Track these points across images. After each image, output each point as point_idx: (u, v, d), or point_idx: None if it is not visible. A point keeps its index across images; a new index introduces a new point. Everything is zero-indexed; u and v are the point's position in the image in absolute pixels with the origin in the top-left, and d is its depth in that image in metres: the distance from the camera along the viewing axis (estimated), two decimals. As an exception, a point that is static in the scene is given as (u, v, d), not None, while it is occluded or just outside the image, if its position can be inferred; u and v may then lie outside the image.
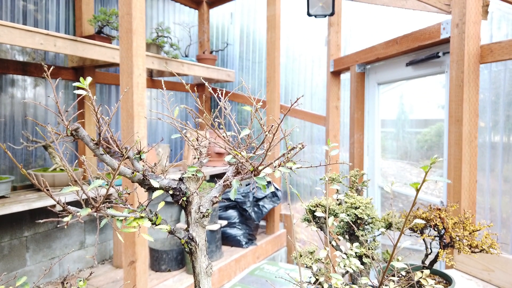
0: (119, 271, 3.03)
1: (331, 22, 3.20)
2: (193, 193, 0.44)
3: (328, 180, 0.76)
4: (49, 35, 2.24)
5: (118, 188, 0.44)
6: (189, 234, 0.44)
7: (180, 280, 2.88)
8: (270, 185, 0.44)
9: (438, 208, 0.85)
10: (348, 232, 0.78)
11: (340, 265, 0.59)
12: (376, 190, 2.99)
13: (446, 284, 0.83)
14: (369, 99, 2.99)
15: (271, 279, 3.01)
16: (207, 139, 0.48)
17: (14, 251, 2.67)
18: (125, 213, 0.40)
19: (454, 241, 0.80)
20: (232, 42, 4.86)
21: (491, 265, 1.24)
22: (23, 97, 2.87)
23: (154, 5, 4.07)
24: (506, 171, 2.39)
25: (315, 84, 4.33)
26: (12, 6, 2.79)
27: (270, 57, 3.69)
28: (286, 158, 0.44)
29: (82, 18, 3.11)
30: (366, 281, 0.56)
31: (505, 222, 2.40)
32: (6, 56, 2.78)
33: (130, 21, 2.12)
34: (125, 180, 2.39)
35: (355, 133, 3.02)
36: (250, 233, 3.61)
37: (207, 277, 0.44)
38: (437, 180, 0.72)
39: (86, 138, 0.42)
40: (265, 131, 0.44)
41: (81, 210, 0.34)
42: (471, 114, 1.87)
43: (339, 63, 3.12)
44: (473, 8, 1.85)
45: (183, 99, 4.42)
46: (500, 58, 1.77)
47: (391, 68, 2.71)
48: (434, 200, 2.43)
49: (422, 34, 2.16)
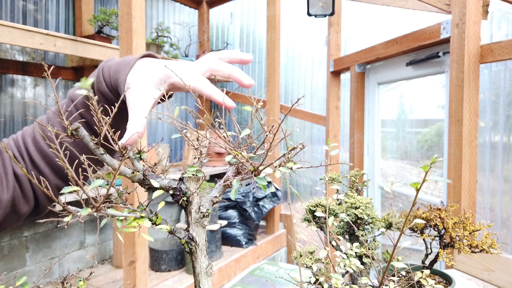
0: (119, 271, 3.03)
1: (331, 22, 3.20)
2: (193, 193, 0.44)
3: (328, 180, 0.76)
4: (49, 35, 2.24)
5: (118, 188, 0.44)
6: (189, 234, 0.44)
7: (180, 280, 2.88)
8: (271, 185, 0.44)
9: (438, 208, 0.85)
10: (348, 232, 0.78)
11: (340, 265, 0.59)
12: (376, 190, 2.99)
13: (446, 284, 0.83)
14: (369, 99, 2.99)
15: (271, 279, 3.01)
16: (208, 139, 0.48)
17: (14, 251, 2.67)
18: (125, 213, 0.40)
19: (454, 241, 0.80)
20: (232, 42, 4.86)
21: (491, 265, 1.24)
22: (23, 97, 2.87)
23: (154, 5, 4.07)
24: (506, 171, 2.39)
25: (315, 84, 4.33)
26: (12, 6, 2.79)
27: (270, 57, 3.69)
28: (286, 158, 0.44)
29: (82, 18, 3.11)
30: (366, 281, 0.56)
31: (505, 222, 2.40)
32: (6, 56, 2.78)
33: (130, 21, 2.12)
34: (125, 180, 2.39)
35: (355, 133, 3.02)
36: (250, 233, 3.61)
37: (207, 277, 0.44)
38: (437, 180, 0.72)
39: (86, 138, 0.42)
40: (265, 131, 0.44)
41: (81, 210, 0.34)
42: (471, 114, 1.87)
43: (339, 63, 3.12)
44: (473, 8, 1.85)
45: (183, 99, 4.42)
46: (500, 58, 1.77)
47: (391, 68, 2.71)
48: (434, 200, 2.43)
49: (422, 34, 2.16)
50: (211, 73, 0.59)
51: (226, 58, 0.61)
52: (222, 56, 0.61)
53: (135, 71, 0.59)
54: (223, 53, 0.62)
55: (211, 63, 0.59)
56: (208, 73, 0.59)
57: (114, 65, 0.61)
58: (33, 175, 0.64)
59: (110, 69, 0.61)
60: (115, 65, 0.61)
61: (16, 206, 0.64)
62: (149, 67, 0.59)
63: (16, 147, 0.66)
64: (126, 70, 0.59)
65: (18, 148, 0.66)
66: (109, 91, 0.62)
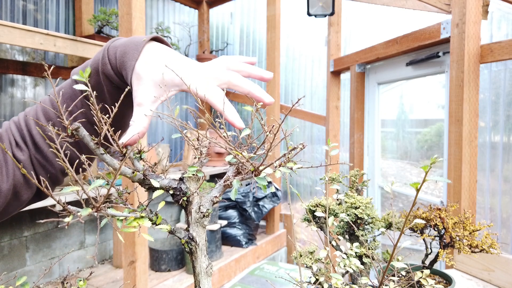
0: (119, 271, 3.03)
1: (331, 22, 3.20)
2: (193, 193, 0.44)
3: (328, 180, 0.76)
4: (49, 35, 2.24)
5: (119, 188, 0.44)
6: (189, 234, 0.44)
7: (180, 280, 2.88)
8: (271, 185, 0.44)
9: (438, 208, 0.85)
10: (348, 232, 0.78)
11: (340, 265, 0.59)
12: (376, 190, 2.99)
13: (446, 284, 0.83)
14: (369, 99, 2.99)
15: (271, 279, 3.01)
16: (208, 139, 0.48)
17: (14, 251, 2.67)
18: (125, 213, 0.40)
19: (454, 241, 0.80)
20: (232, 42, 4.86)
21: (491, 265, 1.24)
22: (23, 97, 2.87)
23: (154, 5, 4.07)
24: (506, 171, 2.39)
25: (315, 84, 4.33)
26: (12, 6, 2.79)
27: (270, 57, 3.69)
28: (286, 158, 0.44)
29: (82, 18, 3.11)
30: (366, 281, 0.56)
31: (505, 222, 2.40)
32: (6, 56, 2.78)
33: (130, 21, 2.12)
34: (125, 180, 2.39)
35: (355, 133, 3.02)
36: (250, 233, 3.61)
37: (207, 277, 0.44)
38: (437, 180, 0.72)
39: (86, 137, 0.42)
40: (265, 131, 0.44)
41: (81, 210, 0.34)
42: (471, 114, 1.87)
43: (339, 63, 3.12)
44: (473, 8, 1.85)
45: (183, 98, 4.42)
46: (500, 58, 1.77)
47: (391, 68, 2.71)
48: (434, 200, 2.43)
49: (422, 34, 2.16)
50: (228, 86, 0.56)
51: (245, 73, 0.59)
52: (241, 69, 0.58)
53: (145, 58, 0.56)
54: (242, 66, 0.59)
55: (230, 77, 0.56)
56: (225, 86, 0.56)
57: (120, 46, 0.58)
58: (36, 160, 0.61)
59: (116, 50, 0.58)
60: (122, 46, 0.58)
61: (18, 193, 0.61)
62: (160, 58, 0.56)
63: (18, 131, 0.62)
64: (134, 54, 0.56)
65: (20, 131, 0.62)
66: (114, 74, 0.59)
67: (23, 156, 0.60)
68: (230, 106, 0.53)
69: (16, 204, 0.63)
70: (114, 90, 0.61)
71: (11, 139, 0.61)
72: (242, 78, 0.57)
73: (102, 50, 0.60)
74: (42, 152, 0.62)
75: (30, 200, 0.65)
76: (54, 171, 0.63)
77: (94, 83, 0.60)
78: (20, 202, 0.63)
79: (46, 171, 0.63)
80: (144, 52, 0.57)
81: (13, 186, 0.60)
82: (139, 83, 0.55)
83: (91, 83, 0.60)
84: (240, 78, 0.57)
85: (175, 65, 0.56)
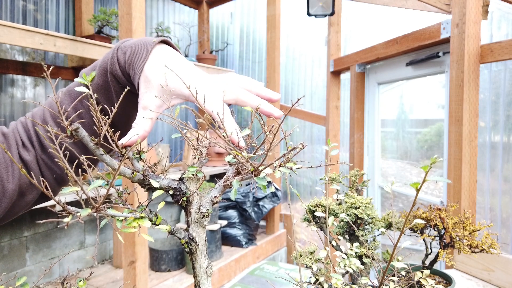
0: (119, 271, 3.03)
1: (331, 22, 3.20)
2: (193, 193, 0.44)
3: (328, 180, 0.76)
4: (49, 35, 2.24)
5: (118, 188, 0.44)
6: (189, 234, 0.44)
7: (180, 280, 2.88)
8: (270, 185, 0.44)
9: (438, 208, 0.85)
10: (348, 232, 0.78)
11: (340, 265, 0.59)
12: (376, 190, 2.99)
13: (446, 284, 0.83)
14: (369, 99, 2.99)
15: (271, 279, 3.01)
16: (208, 139, 0.48)
17: (14, 251, 2.67)
18: (125, 213, 0.40)
19: (454, 241, 0.80)
20: (232, 42, 4.86)
21: (491, 265, 1.24)
22: (23, 97, 2.87)
23: (154, 5, 4.07)
24: (506, 171, 2.39)
25: (315, 84, 4.33)
26: (12, 6, 2.79)
27: (270, 57, 3.69)
28: (286, 159, 0.44)
29: (82, 18, 3.11)
30: (366, 281, 0.56)
31: (505, 222, 2.40)
32: (6, 56, 2.78)
33: (130, 21, 2.12)
34: (124, 180, 2.39)
35: (355, 133, 3.02)
36: (250, 233, 3.61)
37: (207, 277, 0.44)
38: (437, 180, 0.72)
39: (86, 138, 0.42)
40: (265, 132, 0.44)
41: (81, 211, 0.34)
42: (471, 114, 1.87)
43: (339, 63, 3.12)
44: (473, 8, 1.85)
45: (183, 99, 4.41)
46: (500, 58, 1.76)
47: (391, 68, 2.71)
48: (434, 200, 2.43)
49: (422, 34, 2.16)
50: (236, 102, 0.56)
51: (254, 92, 0.59)
52: (250, 88, 0.59)
53: (154, 61, 0.56)
54: (251, 84, 0.59)
55: (238, 93, 0.56)
56: (233, 102, 0.56)
57: (130, 46, 0.58)
58: (42, 161, 0.62)
59: (126, 50, 0.58)
60: (132, 46, 0.58)
61: (24, 193, 0.62)
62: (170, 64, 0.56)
63: (24, 131, 0.62)
64: (143, 54, 0.56)
65: (26, 132, 0.62)
66: (122, 74, 0.59)
67: (29, 156, 0.61)
68: (234, 125, 0.52)
69: (21, 204, 0.63)
70: (121, 91, 0.61)
71: (18, 139, 0.62)
72: (250, 95, 0.57)
73: (112, 50, 0.61)
74: (48, 153, 0.62)
75: (35, 201, 0.66)
76: (60, 172, 0.64)
77: (103, 82, 0.61)
78: (26, 202, 0.63)
79: (52, 172, 0.64)
80: (153, 53, 0.57)
81: (19, 187, 0.60)
82: (147, 86, 0.55)
83: (99, 82, 0.61)
84: (248, 95, 0.57)
85: (185, 75, 0.55)
